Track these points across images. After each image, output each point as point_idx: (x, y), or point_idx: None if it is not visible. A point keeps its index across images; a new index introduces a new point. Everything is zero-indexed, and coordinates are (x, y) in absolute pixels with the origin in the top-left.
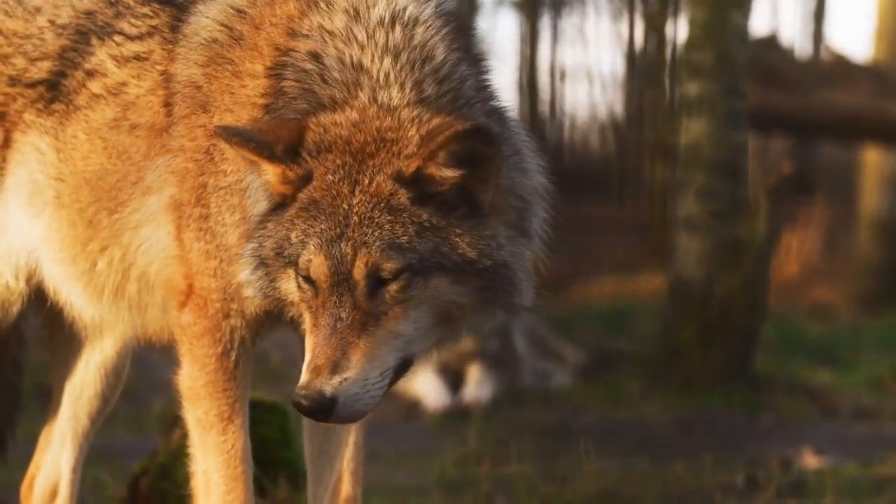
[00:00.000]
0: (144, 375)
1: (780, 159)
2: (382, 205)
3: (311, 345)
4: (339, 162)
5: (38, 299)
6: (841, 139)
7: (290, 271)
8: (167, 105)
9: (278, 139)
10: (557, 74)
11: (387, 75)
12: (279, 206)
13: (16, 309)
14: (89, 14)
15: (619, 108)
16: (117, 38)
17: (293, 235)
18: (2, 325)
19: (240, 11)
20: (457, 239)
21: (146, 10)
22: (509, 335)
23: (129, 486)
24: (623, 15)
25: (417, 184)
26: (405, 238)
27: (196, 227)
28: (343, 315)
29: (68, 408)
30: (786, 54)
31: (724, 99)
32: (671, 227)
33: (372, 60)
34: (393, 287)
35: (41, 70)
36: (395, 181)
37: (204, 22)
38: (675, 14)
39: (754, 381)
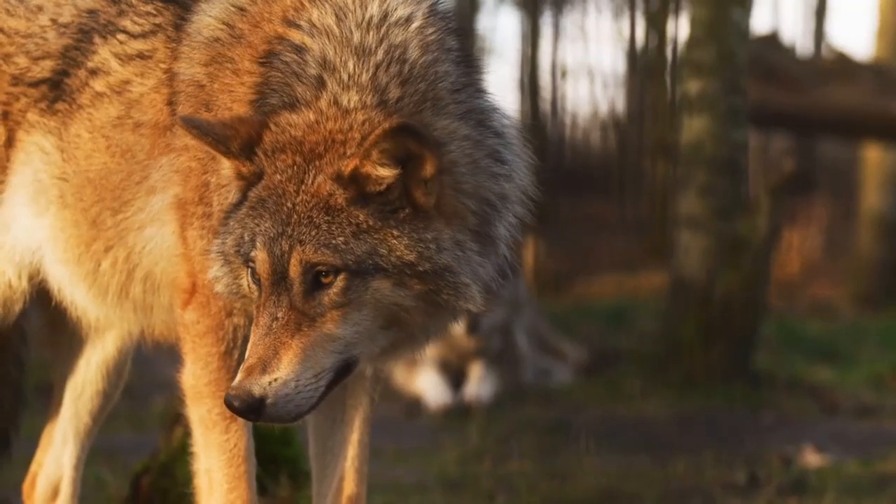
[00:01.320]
0: (146, 373)
1: (780, 157)
2: (321, 205)
3: (250, 344)
4: (289, 162)
5: (42, 298)
6: (842, 137)
7: (246, 269)
8: (171, 103)
9: (236, 135)
10: (559, 72)
11: (350, 77)
12: (239, 202)
13: (18, 308)
14: (91, 12)
15: (620, 106)
16: (120, 37)
17: (245, 234)
18: (4, 323)
19: (241, 9)
20: (394, 241)
21: (149, 7)
22: (511, 333)
23: (131, 484)
24: (624, 13)
25: (355, 184)
26: (341, 238)
27: (199, 225)
28: (279, 315)
29: (70, 406)
30: (787, 52)
31: (725, 97)
32: (672, 224)
33: (341, 60)
34: (332, 290)
35: (44, 69)
36: (334, 181)
37: (206, 20)
38: (677, 12)
39: (755, 379)
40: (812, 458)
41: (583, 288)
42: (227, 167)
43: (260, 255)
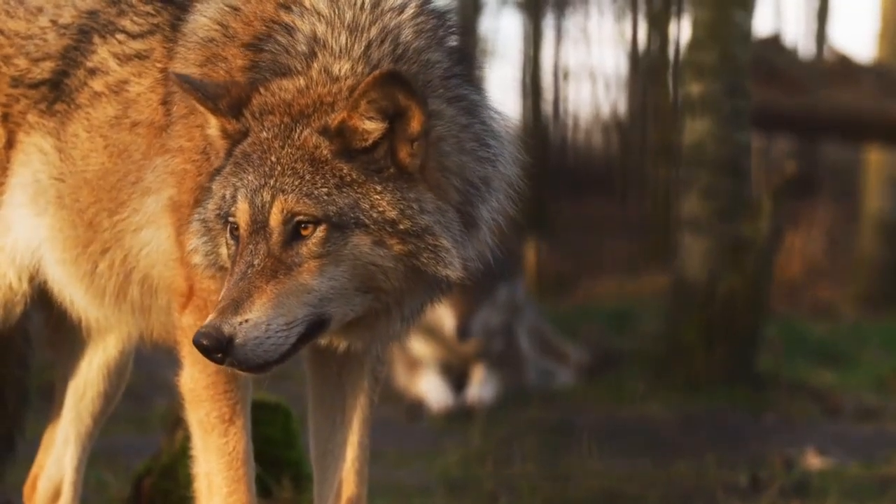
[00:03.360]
0: (147, 375)
1: (783, 159)
2: (306, 157)
3: (223, 290)
4: (276, 121)
5: (43, 299)
6: (844, 139)
7: (226, 230)
8: (165, 103)
9: (226, 94)
10: (561, 74)
11: (342, 49)
12: (223, 165)
13: (19, 309)
14: (92, 13)
15: (622, 108)
16: (119, 37)
17: (227, 193)
18: (6, 325)
19: (235, 9)
20: (377, 196)
21: (148, 8)
22: (513, 335)
23: (133, 485)
24: (626, 15)
25: (342, 137)
26: (324, 189)
27: None
28: (256, 262)
29: (71, 408)
30: (789, 54)
31: (727, 99)
32: (674, 226)
33: (332, 35)
34: (311, 241)
35: (44, 70)
36: (320, 134)
37: (202, 21)
38: (679, 14)
39: (757, 381)
40: (814, 461)
41: (585, 289)
42: (213, 126)
43: (241, 206)
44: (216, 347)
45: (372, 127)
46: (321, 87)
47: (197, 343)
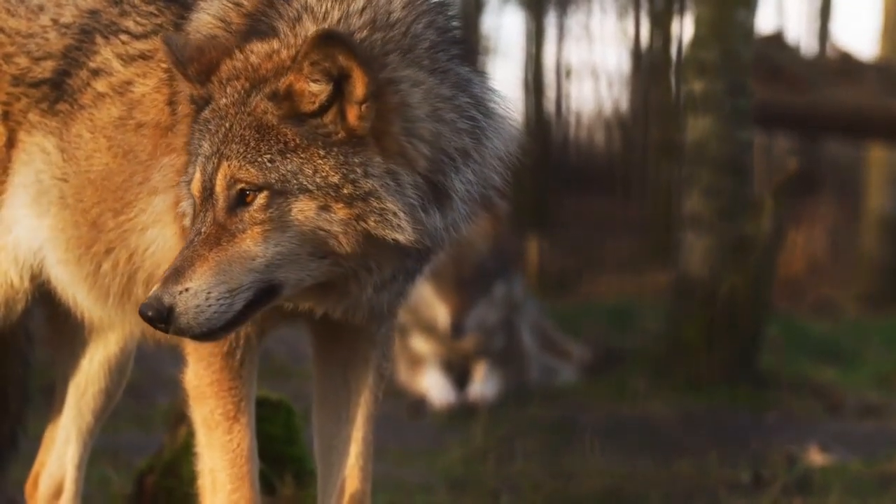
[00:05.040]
0: (150, 372)
1: (785, 157)
2: (255, 124)
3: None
4: (238, 87)
5: (44, 297)
6: (846, 136)
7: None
8: (171, 103)
9: (196, 60)
10: (563, 72)
11: (324, 15)
12: (192, 132)
13: (20, 307)
14: (93, 13)
15: (624, 106)
16: (123, 37)
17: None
18: (7, 323)
19: (237, 4)
20: (320, 161)
21: (151, 8)
22: (516, 332)
23: (135, 483)
24: (629, 13)
25: (289, 101)
26: (268, 157)
27: None
28: (203, 230)
29: (72, 405)
30: (791, 52)
31: (730, 97)
32: (676, 224)
33: (319, 2)
34: (252, 208)
35: (45, 69)
36: (269, 100)
37: (205, 19)
38: (681, 12)
39: (760, 379)
40: (816, 458)
41: (587, 287)
42: (186, 88)
43: (196, 175)
44: (158, 318)
45: (317, 89)
46: (286, 50)
47: (142, 314)
